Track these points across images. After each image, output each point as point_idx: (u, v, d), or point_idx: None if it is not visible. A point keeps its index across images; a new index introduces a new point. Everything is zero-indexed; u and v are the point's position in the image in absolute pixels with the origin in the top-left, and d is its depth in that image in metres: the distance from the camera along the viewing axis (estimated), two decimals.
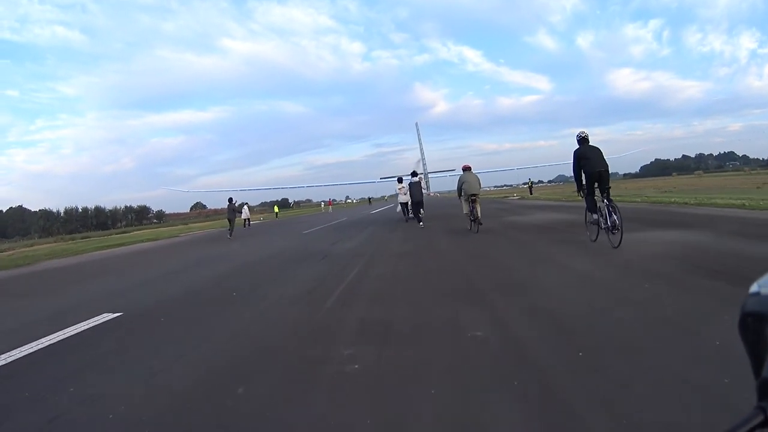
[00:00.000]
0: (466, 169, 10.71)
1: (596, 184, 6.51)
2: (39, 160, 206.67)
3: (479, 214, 10.01)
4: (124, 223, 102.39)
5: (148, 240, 23.11)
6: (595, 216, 6.61)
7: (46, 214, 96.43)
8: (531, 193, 39.01)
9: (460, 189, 10.49)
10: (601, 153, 6.52)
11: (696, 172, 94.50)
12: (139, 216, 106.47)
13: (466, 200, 10.38)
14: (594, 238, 6.71)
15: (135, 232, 51.39)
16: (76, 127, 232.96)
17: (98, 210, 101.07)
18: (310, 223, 23.25)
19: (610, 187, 6.39)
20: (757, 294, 0.49)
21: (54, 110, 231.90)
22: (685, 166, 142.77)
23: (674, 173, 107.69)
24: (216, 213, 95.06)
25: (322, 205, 54.27)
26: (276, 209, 39.62)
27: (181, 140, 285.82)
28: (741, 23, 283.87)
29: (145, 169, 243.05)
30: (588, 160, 6.45)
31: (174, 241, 20.38)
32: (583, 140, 6.63)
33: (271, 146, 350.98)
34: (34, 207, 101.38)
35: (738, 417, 0.38)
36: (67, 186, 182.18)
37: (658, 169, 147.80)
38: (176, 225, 66.15)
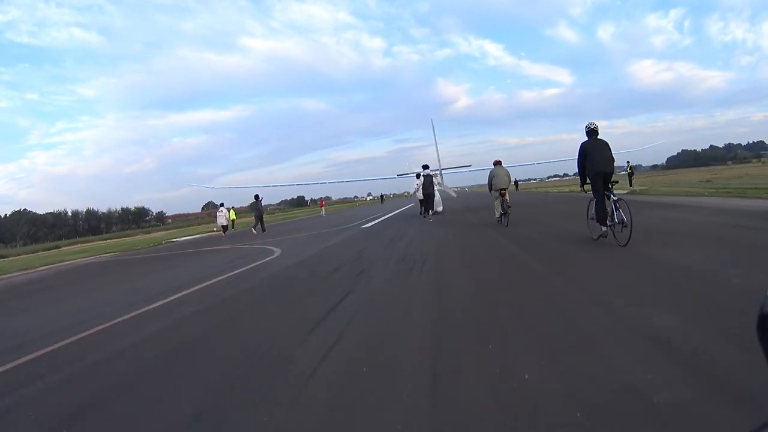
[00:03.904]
0: (497, 163, 10.18)
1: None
2: (60, 162, 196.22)
3: (509, 208, 9.32)
4: (119, 226, 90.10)
5: None
6: (603, 220, 5.58)
7: (32, 220, 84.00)
8: (631, 184, 23.09)
9: (490, 183, 9.93)
10: (609, 149, 5.70)
11: (761, 160, 79.39)
12: (136, 218, 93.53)
13: (495, 194, 9.74)
14: (596, 236, 5.72)
15: (84, 245, 37.63)
16: (97, 128, 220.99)
17: (90, 213, 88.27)
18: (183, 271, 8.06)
19: (614, 183, 5.69)
20: None
21: (74, 112, 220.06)
22: (719, 156, 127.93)
23: (729, 162, 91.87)
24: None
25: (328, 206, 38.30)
26: (232, 215, 24.57)
27: (203, 139, 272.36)
28: (764, 10, 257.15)
29: (167, 169, 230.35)
30: (592, 157, 5.60)
31: None
32: (591, 132, 5.71)
33: (293, 144, 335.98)
34: (54, 210, 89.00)
35: (754, 422, 0.36)
36: (88, 187, 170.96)
37: (689, 159, 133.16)
38: (153, 230, 53.55)
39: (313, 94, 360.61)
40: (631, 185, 22.92)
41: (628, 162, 25.47)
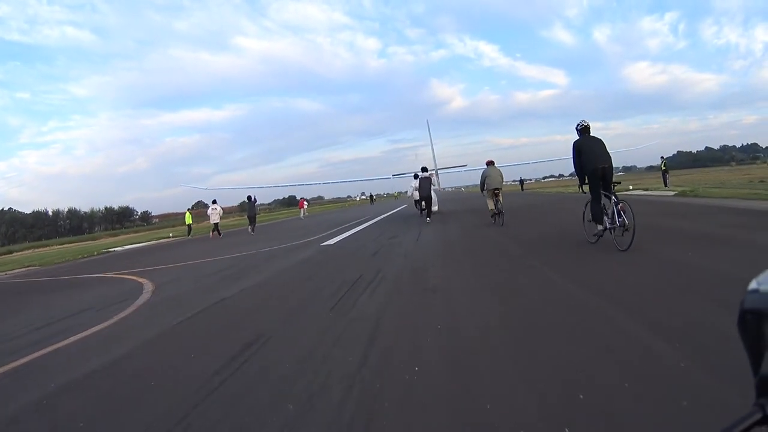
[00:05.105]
0: (489, 163, 9.82)
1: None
2: (52, 162, 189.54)
3: (502, 208, 9.24)
4: (102, 226, 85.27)
5: None
6: (599, 218, 5.18)
7: (10, 219, 78.88)
8: (666, 184, 19.01)
9: (483, 183, 9.67)
10: (604, 145, 5.29)
11: (767, 161, 78.32)
12: (120, 218, 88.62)
13: (489, 194, 9.51)
14: (594, 239, 5.27)
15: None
16: (90, 127, 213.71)
17: (72, 213, 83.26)
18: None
19: (614, 183, 5.17)
20: (756, 291, 0.45)
21: (66, 111, 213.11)
22: (717, 157, 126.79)
23: (732, 163, 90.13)
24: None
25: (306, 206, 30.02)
26: (188, 219, 20.26)
27: (196, 139, 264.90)
28: (756, 15, 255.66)
29: (160, 168, 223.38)
30: (589, 153, 5.19)
31: None
32: (583, 130, 5.40)
33: (287, 144, 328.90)
34: (48, 208, 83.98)
35: (737, 415, 0.36)
36: (80, 187, 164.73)
37: (687, 161, 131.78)
38: (126, 233, 48.51)
39: (307, 94, 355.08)
40: (666, 185, 18.86)
41: (662, 157, 21.37)
